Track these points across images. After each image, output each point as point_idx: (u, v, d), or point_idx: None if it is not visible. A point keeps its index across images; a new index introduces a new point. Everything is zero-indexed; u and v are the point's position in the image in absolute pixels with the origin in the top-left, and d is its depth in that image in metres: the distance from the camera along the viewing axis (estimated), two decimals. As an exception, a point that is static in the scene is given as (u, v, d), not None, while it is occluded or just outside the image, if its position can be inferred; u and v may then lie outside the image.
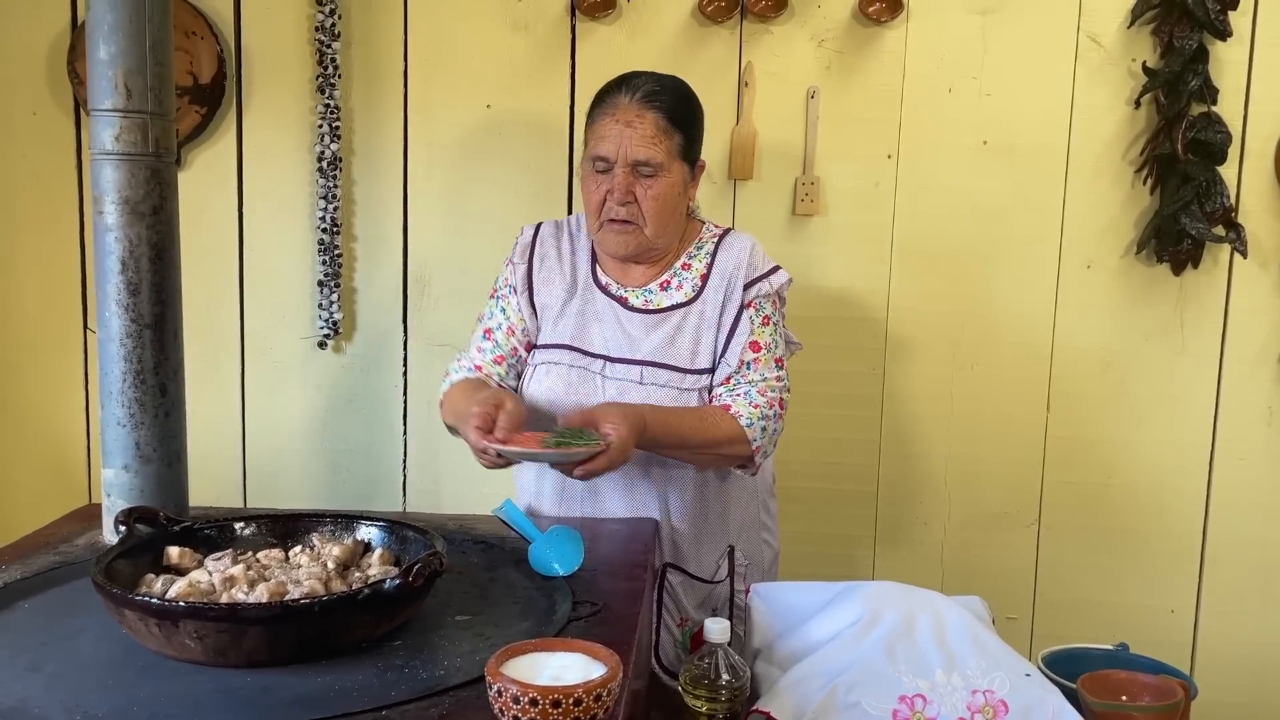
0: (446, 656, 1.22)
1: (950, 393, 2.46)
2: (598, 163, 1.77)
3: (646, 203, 1.75)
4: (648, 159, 1.74)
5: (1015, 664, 1.40)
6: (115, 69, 1.53)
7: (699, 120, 1.85)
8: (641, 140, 1.74)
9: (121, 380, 1.59)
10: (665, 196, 1.77)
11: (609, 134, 1.75)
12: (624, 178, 1.74)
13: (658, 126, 1.75)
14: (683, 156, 1.79)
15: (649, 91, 1.77)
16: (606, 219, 1.78)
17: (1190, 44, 2.26)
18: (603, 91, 1.82)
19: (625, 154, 1.74)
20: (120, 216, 1.56)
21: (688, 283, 1.83)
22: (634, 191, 1.75)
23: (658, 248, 1.82)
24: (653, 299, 1.84)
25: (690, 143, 1.81)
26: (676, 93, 1.81)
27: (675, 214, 1.81)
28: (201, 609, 1.16)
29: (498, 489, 2.53)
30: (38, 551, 1.57)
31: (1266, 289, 2.40)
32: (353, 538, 1.47)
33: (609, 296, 1.85)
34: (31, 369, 2.59)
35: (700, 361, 1.80)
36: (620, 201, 1.75)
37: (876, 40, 2.38)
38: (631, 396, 1.77)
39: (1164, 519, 2.47)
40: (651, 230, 1.78)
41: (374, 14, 2.45)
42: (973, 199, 2.41)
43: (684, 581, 1.87)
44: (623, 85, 1.79)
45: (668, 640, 1.88)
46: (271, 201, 2.51)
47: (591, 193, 1.79)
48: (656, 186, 1.76)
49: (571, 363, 1.81)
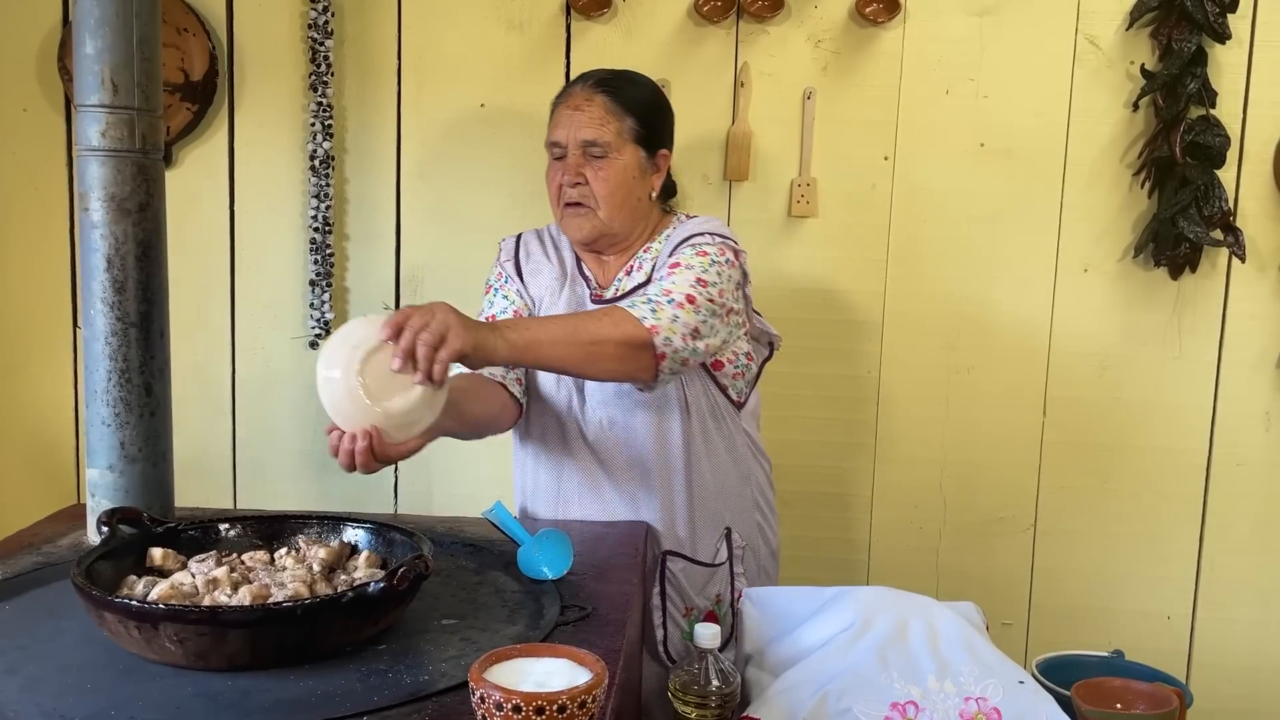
0: (431, 661, 1.21)
1: (946, 397, 2.44)
2: (553, 149, 1.81)
3: (596, 184, 1.77)
4: (595, 139, 1.76)
5: (1009, 671, 1.38)
6: (102, 64, 1.51)
7: (658, 108, 1.86)
8: (589, 121, 1.77)
9: (106, 379, 1.57)
10: (615, 179, 1.78)
11: (561, 120, 1.80)
12: (575, 158, 1.78)
13: (606, 108, 1.78)
14: (637, 140, 1.80)
15: (601, 79, 1.82)
16: (564, 203, 1.81)
17: (1189, 47, 2.25)
18: (563, 87, 1.87)
19: (574, 136, 1.78)
20: (106, 213, 1.54)
21: (648, 264, 1.84)
22: (584, 173, 1.77)
23: (614, 232, 1.82)
24: (621, 287, 1.85)
25: (647, 129, 1.81)
26: (631, 81, 1.84)
27: (629, 197, 1.81)
28: (182, 612, 1.14)
29: (490, 491, 2.52)
30: (20, 552, 1.56)
31: (1265, 293, 2.38)
32: (339, 540, 1.46)
33: (589, 288, 1.87)
34: (21, 367, 2.57)
35: None
36: (571, 184, 1.78)
37: (873, 41, 2.37)
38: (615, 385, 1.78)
39: (1161, 525, 2.45)
40: (604, 213, 1.79)
41: (367, 12, 2.43)
42: (969, 202, 2.39)
43: (686, 569, 1.87)
44: (579, 79, 1.84)
45: (675, 632, 1.87)
46: (263, 200, 2.49)
47: (551, 180, 1.83)
48: (606, 168, 1.77)
49: None
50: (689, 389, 1.82)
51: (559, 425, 1.85)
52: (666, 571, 1.87)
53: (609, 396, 1.82)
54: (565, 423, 1.85)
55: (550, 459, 1.88)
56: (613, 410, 1.82)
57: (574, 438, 1.85)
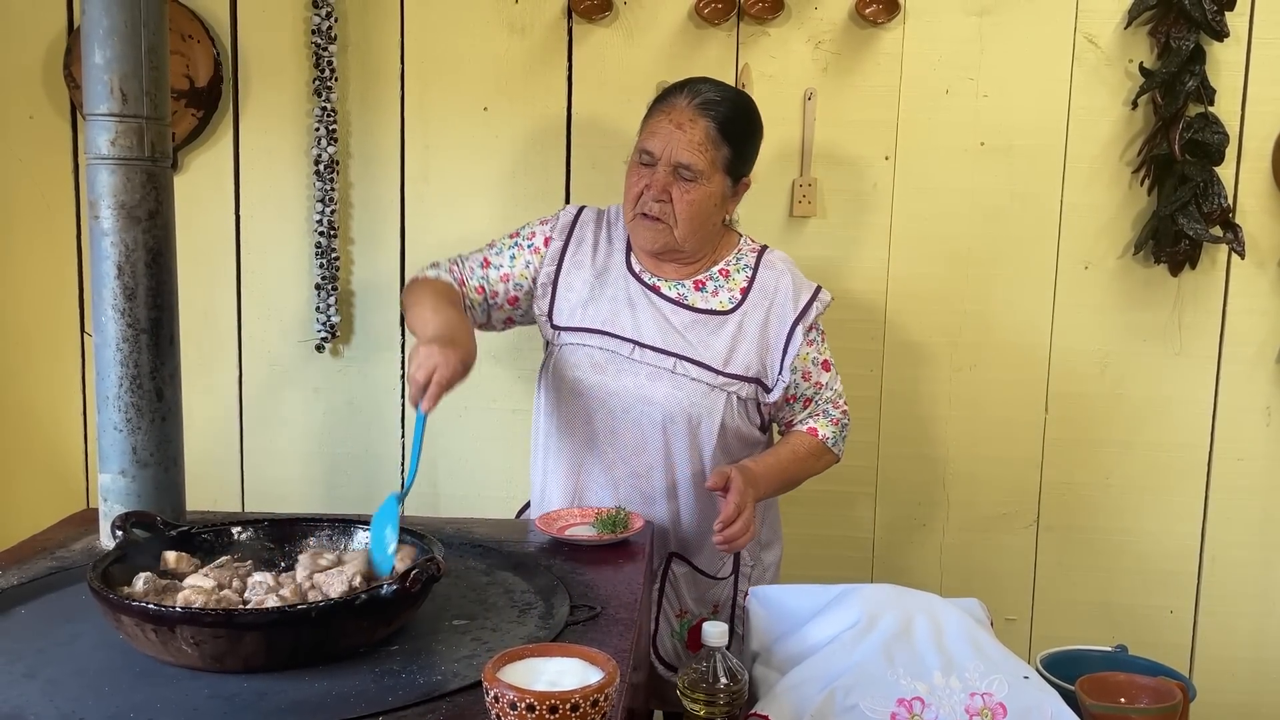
0: (444, 661, 1.23)
1: (949, 394, 2.46)
2: (643, 155, 1.81)
3: (680, 205, 1.78)
4: (690, 163, 1.77)
5: (1013, 666, 1.40)
6: (111, 74, 1.53)
7: (754, 138, 1.87)
8: (688, 144, 1.77)
9: (118, 385, 1.59)
10: (699, 203, 1.79)
11: (659, 130, 1.79)
12: (664, 176, 1.78)
13: (707, 135, 1.78)
14: (726, 169, 1.82)
15: (708, 99, 1.80)
16: (640, 211, 1.81)
17: (1187, 45, 2.26)
18: (667, 90, 1.86)
19: (670, 154, 1.78)
20: (116, 221, 1.56)
21: (725, 291, 1.87)
22: (670, 191, 1.78)
23: (685, 251, 1.85)
24: (687, 295, 1.86)
25: (738, 158, 1.83)
26: (735, 106, 1.83)
27: (707, 222, 1.83)
28: (198, 614, 1.16)
29: (497, 492, 2.55)
30: (35, 557, 1.57)
31: (1264, 289, 2.40)
32: (352, 544, 1.47)
33: (642, 284, 1.87)
34: (29, 373, 2.59)
35: (733, 368, 1.83)
36: (655, 198, 1.79)
37: (873, 42, 2.38)
38: (661, 384, 1.81)
39: (1163, 520, 2.47)
40: (680, 232, 1.81)
41: (371, 17, 2.44)
42: (970, 200, 2.41)
43: (687, 574, 1.88)
44: (685, 88, 1.82)
45: (665, 631, 1.89)
46: (268, 205, 2.51)
47: (633, 183, 1.83)
48: (693, 192, 1.78)
49: (601, 345, 1.84)
50: (729, 412, 1.84)
51: (587, 418, 1.86)
52: (669, 573, 1.88)
53: (655, 409, 1.82)
54: (594, 417, 1.85)
55: (571, 451, 1.89)
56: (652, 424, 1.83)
57: (602, 434, 1.85)
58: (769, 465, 1.84)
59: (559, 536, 1.67)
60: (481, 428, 2.52)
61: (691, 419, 1.82)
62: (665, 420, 1.82)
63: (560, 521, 1.74)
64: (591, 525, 1.72)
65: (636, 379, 1.82)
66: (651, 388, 1.82)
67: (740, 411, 1.86)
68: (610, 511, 1.73)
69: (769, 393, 1.87)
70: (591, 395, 1.84)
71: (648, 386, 1.82)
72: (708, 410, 1.82)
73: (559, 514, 1.76)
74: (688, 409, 1.82)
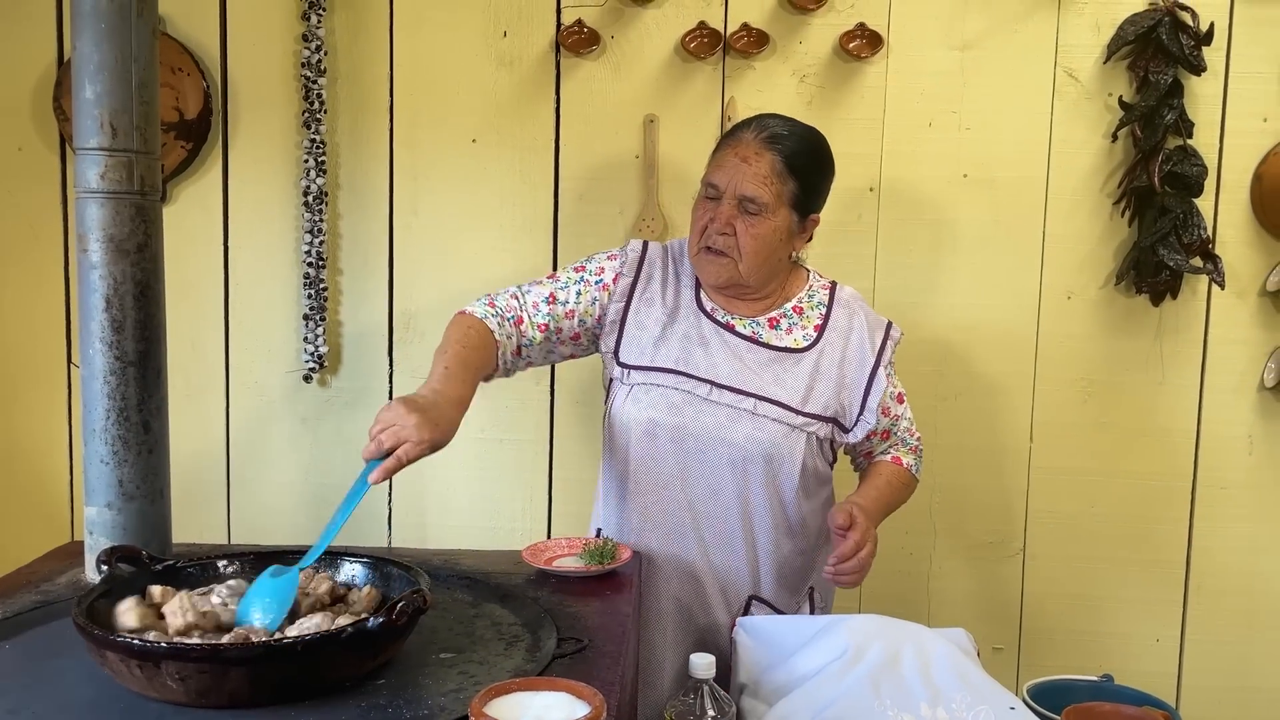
0: (430, 695, 1.22)
1: (934, 423, 2.47)
2: (709, 189, 1.81)
3: (744, 239, 1.77)
4: (754, 196, 1.76)
5: (1000, 697, 1.40)
6: (101, 108, 1.54)
7: (822, 173, 1.86)
8: (753, 177, 1.76)
9: (105, 418, 1.58)
10: (764, 238, 1.78)
11: (725, 164, 1.79)
12: (729, 209, 1.77)
13: (773, 168, 1.77)
14: (793, 204, 1.80)
15: (774, 133, 1.80)
16: (704, 245, 1.81)
17: (1165, 79, 2.30)
18: (736, 125, 1.85)
19: (734, 187, 1.77)
20: (105, 254, 1.56)
21: (799, 329, 1.86)
22: (734, 225, 1.77)
23: (749, 285, 1.84)
24: (761, 333, 1.85)
25: (806, 193, 1.82)
26: (803, 140, 1.83)
27: (772, 257, 1.82)
28: (183, 650, 1.16)
29: (487, 522, 2.54)
30: (19, 591, 1.56)
31: (1244, 319, 2.42)
32: (337, 575, 1.47)
33: (715, 322, 1.86)
34: (15, 405, 2.58)
35: (811, 407, 1.81)
36: (720, 231, 1.78)
37: (857, 76, 2.41)
38: (742, 425, 1.79)
39: (1148, 548, 2.48)
40: (745, 267, 1.79)
41: (360, 50, 2.46)
42: (954, 231, 2.43)
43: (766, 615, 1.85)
44: (753, 122, 1.82)
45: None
46: (257, 236, 2.52)
47: (699, 217, 1.82)
48: (758, 226, 1.77)
49: (676, 385, 1.81)
50: (808, 452, 1.82)
51: (660, 460, 1.82)
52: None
53: (734, 450, 1.79)
54: (669, 459, 1.82)
55: (641, 492, 1.85)
56: (729, 466, 1.80)
57: (676, 476, 1.82)
58: (873, 499, 1.84)
59: (546, 568, 1.67)
60: (470, 457, 2.52)
61: (771, 460, 1.79)
62: (744, 461, 1.79)
63: (548, 552, 1.74)
64: (579, 556, 1.72)
65: (716, 419, 1.79)
66: (731, 429, 1.79)
67: (817, 451, 1.84)
68: (598, 542, 1.73)
69: (847, 433, 1.86)
70: (667, 436, 1.81)
71: (728, 427, 1.79)
72: (789, 451, 1.80)
73: (546, 545, 1.76)
74: (768, 450, 1.79)
